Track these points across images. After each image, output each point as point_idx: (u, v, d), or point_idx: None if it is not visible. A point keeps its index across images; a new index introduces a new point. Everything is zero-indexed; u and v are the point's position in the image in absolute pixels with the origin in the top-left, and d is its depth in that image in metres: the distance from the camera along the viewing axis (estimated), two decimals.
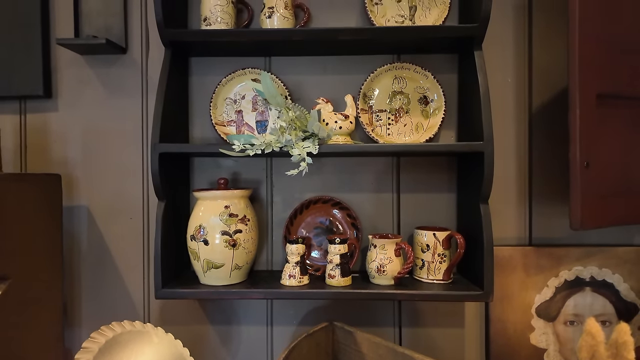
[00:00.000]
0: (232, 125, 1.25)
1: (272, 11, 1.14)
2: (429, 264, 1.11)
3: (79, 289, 1.30)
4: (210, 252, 1.06)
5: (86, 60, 1.29)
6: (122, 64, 1.29)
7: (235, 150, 0.99)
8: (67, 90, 1.30)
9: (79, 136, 1.30)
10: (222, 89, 1.24)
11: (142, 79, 1.29)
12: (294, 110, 1.03)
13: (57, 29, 1.29)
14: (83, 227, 1.30)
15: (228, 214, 1.07)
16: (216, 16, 1.13)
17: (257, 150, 0.98)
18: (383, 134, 1.22)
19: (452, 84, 1.24)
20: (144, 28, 1.29)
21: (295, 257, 1.09)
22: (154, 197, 1.29)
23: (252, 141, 1.01)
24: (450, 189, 1.25)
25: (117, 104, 1.29)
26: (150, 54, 1.29)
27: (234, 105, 1.26)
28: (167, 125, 1.10)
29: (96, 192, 1.29)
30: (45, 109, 1.30)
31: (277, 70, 1.26)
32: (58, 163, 1.30)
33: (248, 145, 0.99)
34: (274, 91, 1.05)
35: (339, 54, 1.26)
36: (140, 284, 1.29)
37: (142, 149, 1.29)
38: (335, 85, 1.26)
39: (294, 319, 1.28)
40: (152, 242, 1.29)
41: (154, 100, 1.27)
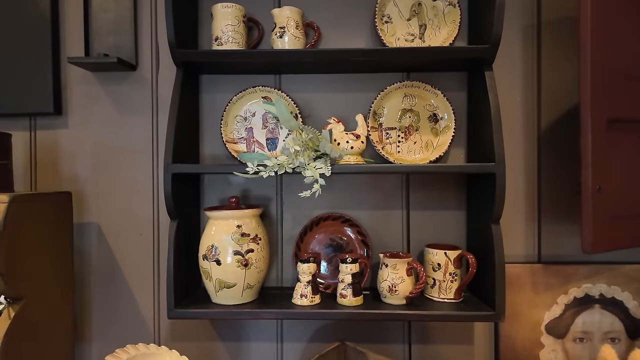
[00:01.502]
0: (242, 143, 1.26)
1: (284, 31, 1.15)
2: (440, 283, 1.12)
3: (88, 306, 1.30)
4: (222, 272, 1.06)
5: (96, 78, 1.30)
6: (132, 82, 1.30)
7: (249, 173, 0.99)
8: (77, 107, 1.30)
9: (89, 153, 1.30)
10: (232, 106, 1.25)
11: (152, 96, 1.30)
12: (306, 132, 1.04)
13: (67, 46, 1.30)
14: (93, 243, 1.30)
15: (240, 234, 1.08)
16: (227, 36, 1.14)
17: (271, 172, 0.99)
18: (393, 152, 1.23)
19: (461, 101, 1.25)
20: (154, 46, 1.30)
21: (306, 276, 1.10)
22: (164, 214, 1.29)
23: (265, 162, 1.01)
24: (459, 207, 1.26)
25: (127, 121, 1.30)
26: (160, 71, 1.30)
27: (244, 122, 1.26)
28: (178, 144, 1.10)
29: (106, 209, 1.30)
30: (55, 126, 1.31)
31: (287, 88, 1.26)
32: (68, 180, 1.30)
33: (261, 167, 1.00)
34: (288, 115, 1.06)
35: (349, 72, 1.26)
36: (151, 301, 1.29)
37: (152, 165, 1.30)
38: (344, 103, 1.26)
39: (304, 336, 1.28)
40: (162, 259, 1.29)
41: (164, 117, 1.29)
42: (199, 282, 1.26)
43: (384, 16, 1.23)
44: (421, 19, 1.23)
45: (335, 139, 1.09)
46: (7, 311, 0.99)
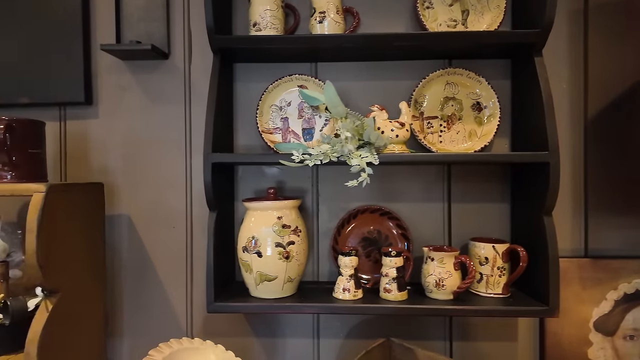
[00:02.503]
0: (277, 133, 1.22)
1: (324, 16, 1.11)
2: (488, 278, 1.07)
3: (119, 299, 1.27)
4: (263, 265, 1.03)
5: (127, 66, 1.26)
6: (164, 70, 1.26)
7: (294, 161, 0.95)
8: (108, 96, 1.27)
9: (120, 143, 1.27)
10: (268, 95, 1.21)
11: (185, 85, 1.26)
12: (352, 119, 1.00)
13: (98, 34, 1.27)
14: (124, 236, 1.27)
15: (281, 225, 1.04)
16: (266, 21, 1.10)
17: (316, 160, 0.95)
18: (435, 142, 1.18)
19: (504, 89, 1.20)
20: (187, 33, 1.26)
21: (349, 269, 1.06)
22: (197, 206, 1.26)
23: (309, 151, 0.97)
24: (502, 199, 1.21)
25: (159, 110, 1.26)
26: (193, 60, 1.26)
27: (279, 112, 1.22)
28: (215, 134, 1.07)
29: (137, 201, 1.27)
30: (85, 116, 1.27)
31: (323, 76, 1.22)
32: (98, 171, 1.27)
33: (307, 156, 0.96)
34: (337, 101, 1.02)
35: (387, 59, 1.22)
36: (183, 295, 1.26)
37: (185, 156, 1.26)
38: (382, 92, 1.22)
39: (341, 332, 1.24)
40: (195, 252, 1.26)
41: (197, 107, 1.26)
42: (234, 275, 1.23)
43: (425, 1, 1.18)
44: (464, 4, 1.19)
45: (379, 127, 1.05)
46: (44, 304, 0.96)
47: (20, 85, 1.25)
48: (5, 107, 1.26)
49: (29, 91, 1.25)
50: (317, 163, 0.95)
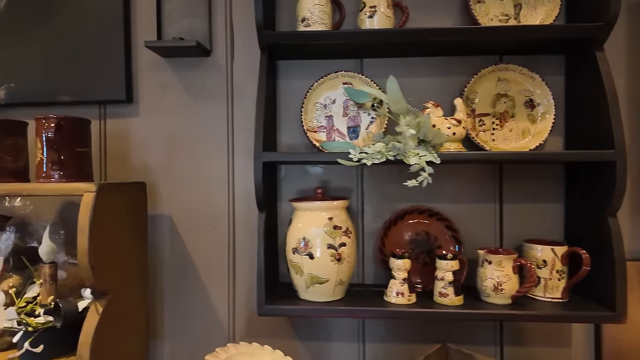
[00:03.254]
0: (322, 131, 1.19)
1: (374, 10, 1.07)
2: (547, 282, 1.03)
3: (160, 300, 1.25)
4: (315, 267, 1.00)
5: (168, 63, 1.24)
6: (206, 68, 1.24)
7: (352, 160, 0.92)
8: (148, 94, 1.25)
9: (161, 142, 1.25)
10: (313, 93, 1.18)
11: (227, 83, 1.24)
12: (412, 116, 0.96)
13: (138, 31, 1.25)
14: (165, 236, 1.25)
15: (332, 226, 1.01)
16: (316, 16, 1.07)
17: (374, 159, 0.92)
18: (487, 140, 1.14)
19: (557, 86, 1.16)
20: (229, 30, 1.23)
21: (402, 273, 1.03)
22: (240, 206, 1.23)
23: (365, 150, 0.94)
24: (556, 199, 1.17)
25: (200, 109, 1.24)
26: (235, 56, 1.23)
27: (323, 110, 1.19)
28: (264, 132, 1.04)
29: (179, 201, 1.24)
30: (125, 114, 1.26)
31: (369, 72, 1.18)
32: (139, 170, 1.25)
33: (364, 155, 0.92)
34: (400, 96, 0.98)
35: (436, 54, 1.19)
36: (225, 296, 1.24)
37: (228, 155, 1.24)
38: (431, 88, 1.18)
39: (386, 336, 1.21)
40: (238, 253, 1.24)
41: (239, 105, 1.23)
42: (277, 276, 1.20)
43: None
44: None
45: (435, 124, 1.01)
46: (94, 306, 0.94)
47: (61, 84, 1.23)
48: (46, 105, 1.24)
49: (69, 89, 1.23)
50: (375, 162, 0.91)
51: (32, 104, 1.25)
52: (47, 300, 0.94)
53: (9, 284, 0.99)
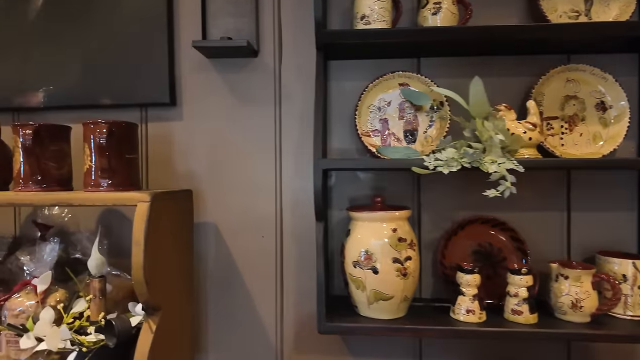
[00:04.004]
0: (376, 135, 1.12)
1: (439, 7, 1.01)
2: (627, 298, 0.96)
3: (205, 312, 1.19)
4: (379, 282, 0.93)
5: (213, 65, 1.18)
6: (252, 68, 1.18)
7: (428, 168, 0.86)
8: (192, 97, 1.19)
9: (205, 147, 1.19)
10: (367, 95, 1.11)
11: (275, 84, 1.18)
12: (491, 120, 0.89)
13: (182, 31, 1.19)
14: (210, 245, 1.19)
15: (397, 238, 0.94)
16: (376, 13, 1.00)
17: (451, 167, 0.85)
18: (557, 145, 1.07)
19: (630, 87, 1.08)
20: (277, 29, 1.17)
21: (472, 289, 0.96)
22: (288, 213, 1.17)
23: (438, 156, 0.88)
24: (630, 207, 1.09)
25: (247, 112, 1.18)
26: (283, 57, 1.17)
27: (377, 113, 1.13)
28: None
29: (224, 208, 1.19)
30: (168, 118, 1.20)
31: (427, 72, 1.11)
32: (183, 176, 1.20)
33: (440, 162, 0.86)
34: (484, 99, 0.91)
35: (498, 54, 1.11)
36: (272, 308, 1.18)
37: (275, 160, 1.18)
38: (493, 89, 1.10)
39: (443, 354, 1.14)
40: (286, 263, 1.17)
41: (287, 107, 1.17)
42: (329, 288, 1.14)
43: None
44: None
45: (508, 128, 0.94)
46: (147, 324, 0.88)
47: (101, 86, 1.18)
48: (85, 108, 1.19)
49: (110, 92, 1.18)
50: (452, 170, 0.85)
51: (71, 107, 1.19)
52: (98, 317, 0.88)
53: (55, 298, 0.93)
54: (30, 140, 0.90)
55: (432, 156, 0.87)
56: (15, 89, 1.19)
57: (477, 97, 0.91)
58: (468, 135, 0.97)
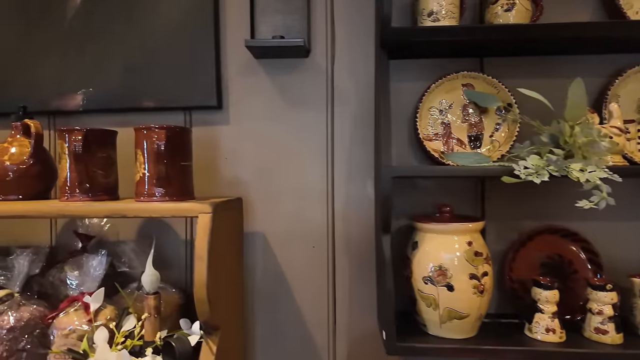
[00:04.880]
0: (437, 139, 1.06)
1: (513, 3, 0.94)
2: None
3: (252, 326, 1.13)
4: (455, 300, 0.86)
5: (261, 65, 1.12)
6: (303, 69, 1.11)
7: (520, 177, 0.79)
8: (239, 99, 1.13)
9: (252, 152, 1.13)
10: (428, 96, 1.05)
11: (327, 86, 1.11)
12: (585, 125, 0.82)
13: (228, 29, 1.12)
14: (258, 256, 1.13)
15: (473, 253, 0.87)
16: (445, 10, 0.94)
17: (542, 177, 0.78)
18: (633, 150, 0.99)
19: None
20: (329, 27, 1.11)
21: (551, 306, 0.89)
22: (340, 223, 1.11)
23: (524, 164, 0.81)
24: None
25: (297, 115, 1.11)
26: (336, 57, 1.11)
27: (439, 115, 1.06)
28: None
29: (273, 217, 1.12)
30: (213, 122, 1.14)
31: (492, 72, 1.04)
32: (229, 183, 1.13)
33: (531, 171, 0.79)
34: (582, 102, 0.84)
35: (567, 53, 1.04)
36: (325, 323, 1.11)
37: (327, 166, 1.11)
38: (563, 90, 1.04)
39: None
40: (338, 275, 1.11)
41: (340, 110, 1.11)
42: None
43: None
44: None
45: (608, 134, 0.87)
46: (206, 345, 0.82)
47: (143, 87, 1.11)
48: (126, 111, 1.13)
49: (152, 94, 1.11)
50: (544, 179, 0.78)
51: (110, 110, 1.13)
52: (154, 337, 0.82)
53: (105, 316, 0.87)
54: (80, 146, 0.83)
55: (523, 165, 0.80)
56: (52, 91, 1.13)
57: (576, 99, 0.84)
58: (545, 140, 0.90)
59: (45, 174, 0.97)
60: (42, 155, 0.97)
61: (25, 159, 0.94)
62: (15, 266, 0.91)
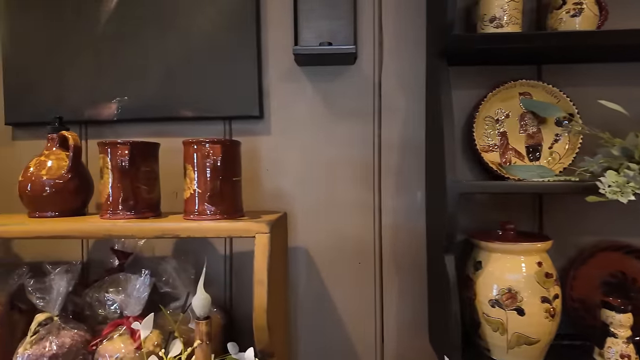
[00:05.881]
0: (493, 151, 1.00)
1: (581, 8, 0.88)
2: None
3: (295, 347, 1.07)
4: (525, 325, 0.81)
5: (304, 73, 1.07)
6: (349, 77, 1.06)
7: (605, 197, 0.73)
8: (281, 108, 1.08)
9: (295, 164, 1.07)
10: (485, 105, 0.99)
11: (374, 94, 1.06)
12: None
13: (269, 35, 1.07)
14: (301, 272, 1.07)
15: (543, 274, 0.82)
16: (509, 15, 0.88)
17: (629, 195, 0.72)
18: None
19: None
20: (377, 32, 1.06)
21: (625, 330, 0.83)
22: (387, 239, 1.05)
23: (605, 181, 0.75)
24: None
25: (342, 124, 1.06)
26: (384, 64, 1.06)
27: (495, 125, 1.01)
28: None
29: (316, 232, 1.07)
30: (254, 132, 1.08)
31: (549, 80, 0.99)
32: (270, 196, 1.08)
33: (615, 189, 0.73)
34: None
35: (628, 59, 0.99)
36: (372, 345, 1.06)
37: (373, 180, 1.06)
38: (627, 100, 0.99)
39: None
40: (386, 294, 1.06)
41: (388, 121, 1.06)
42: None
43: None
44: None
45: None
46: None
47: (182, 96, 1.06)
48: (163, 121, 1.08)
49: (191, 102, 1.06)
50: (630, 198, 0.72)
51: (146, 119, 1.08)
52: None
53: (152, 342, 0.81)
54: (127, 160, 0.78)
55: (605, 182, 0.74)
56: (85, 99, 1.08)
57: None
58: (617, 154, 0.85)
59: (82, 188, 0.92)
60: (80, 169, 0.91)
61: (64, 173, 0.88)
62: (54, 287, 0.85)
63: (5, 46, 1.09)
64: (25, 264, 1.02)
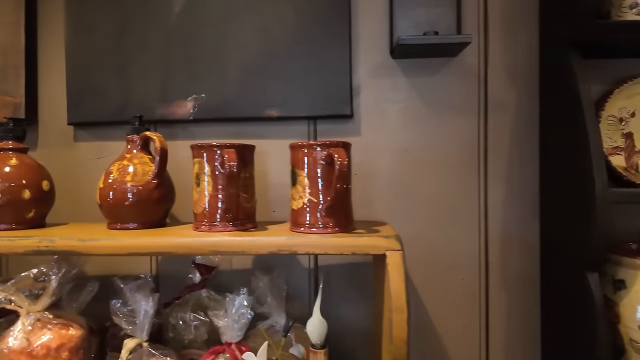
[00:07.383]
0: (617, 154, 0.89)
1: None
2: None
3: None
4: None
5: (399, 66, 0.97)
6: (450, 71, 0.96)
7: None
8: (373, 107, 0.97)
9: (388, 167, 0.97)
10: (610, 103, 0.88)
11: (479, 90, 0.95)
12: None
13: (360, 25, 0.97)
14: None
15: None
16: None
17: None
18: None
19: None
20: (482, 21, 0.95)
21: None
22: (495, 252, 0.95)
23: None
24: None
25: (441, 124, 0.96)
26: (490, 56, 0.95)
27: (618, 125, 0.90)
28: None
29: (412, 243, 0.96)
30: (342, 132, 0.98)
31: None
32: (361, 203, 0.97)
33: None
34: None
35: None
36: None
37: (479, 185, 0.95)
38: None
39: None
40: (492, 312, 0.95)
41: (496, 119, 0.95)
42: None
43: None
44: None
45: None
46: None
47: (264, 93, 0.96)
48: (244, 121, 0.98)
49: (275, 101, 0.96)
50: None
51: (224, 119, 0.98)
52: None
53: None
54: (234, 166, 0.68)
55: None
56: (155, 97, 0.98)
57: None
58: None
59: (167, 197, 0.82)
60: (166, 175, 0.82)
61: (150, 179, 0.79)
62: (141, 309, 0.76)
63: (69, 40, 1.00)
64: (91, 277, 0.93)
